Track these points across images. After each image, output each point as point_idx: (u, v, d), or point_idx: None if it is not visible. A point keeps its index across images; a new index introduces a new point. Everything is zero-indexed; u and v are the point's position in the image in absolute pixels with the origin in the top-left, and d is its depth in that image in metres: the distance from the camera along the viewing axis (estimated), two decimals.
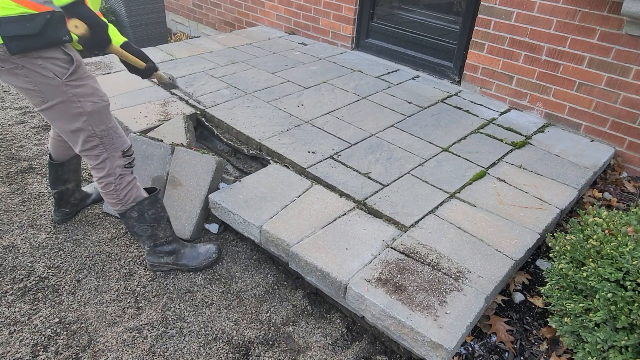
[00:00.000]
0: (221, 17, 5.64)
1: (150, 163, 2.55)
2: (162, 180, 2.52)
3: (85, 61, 3.81)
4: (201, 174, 2.43)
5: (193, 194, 2.44)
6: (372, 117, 3.20)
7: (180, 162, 2.50)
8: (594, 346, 1.59)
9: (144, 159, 2.55)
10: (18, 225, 2.52)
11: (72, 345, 1.93)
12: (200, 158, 2.46)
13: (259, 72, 3.83)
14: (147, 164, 2.55)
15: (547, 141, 3.07)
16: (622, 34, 2.86)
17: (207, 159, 2.44)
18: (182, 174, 2.48)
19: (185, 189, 2.46)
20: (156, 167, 2.54)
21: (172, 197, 2.48)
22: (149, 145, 2.57)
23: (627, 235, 1.70)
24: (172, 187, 2.49)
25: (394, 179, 2.55)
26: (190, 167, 2.47)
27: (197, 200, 2.42)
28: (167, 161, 2.52)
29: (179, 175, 2.49)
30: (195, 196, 2.43)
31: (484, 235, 2.20)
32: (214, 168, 2.41)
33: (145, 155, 2.56)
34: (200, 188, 2.42)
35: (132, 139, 2.57)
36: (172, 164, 2.51)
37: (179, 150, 2.52)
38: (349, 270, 1.95)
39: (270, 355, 1.94)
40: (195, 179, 2.44)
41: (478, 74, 3.64)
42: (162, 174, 2.52)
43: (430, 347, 1.70)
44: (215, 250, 2.34)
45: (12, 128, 3.41)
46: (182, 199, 2.46)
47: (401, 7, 4.11)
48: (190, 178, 2.45)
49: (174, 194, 2.48)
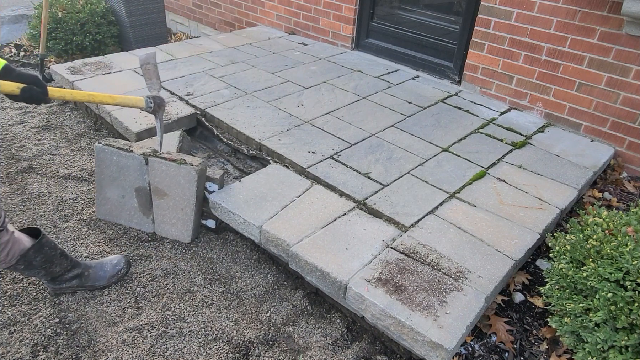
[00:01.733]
0: (221, 17, 5.64)
1: (127, 174, 2.44)
2: (146, 191, 2.44)
3: (86, 61, 3.81)
4: (184, 185, 2.35)
5: (182, 203, 2.39)
6: (372, 117, 3.20)
7: (158, 172, 2.38)
8: (594, 346, 1.59)
9: (119, 170, 2.44)
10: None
11: (72, 345, 1.93)
12: (179, 169, 2.33)
13: (259, 72, 3.83)
14: (124, 175, 2.45)
15: (547, 141, 3.07)
16: (622, 34, 2.86)
17: (186, 169, 2.32)
18: (165, 184, 2.38)
19: (172, 199, 2.39)
20: (135, 177, 2.44)
21: (162, 207, 2.44)
22: (120, 157, 2.43)
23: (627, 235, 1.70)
24: (158, 197, 2.42)
25: (394, 179, 2.55)
26: (171, 178, 2.36)
27: (188, 208, 2.39)
28: (144, 171, 2.41)
29: (161, 185, 2.39)
30: (185, 205, 2.38)
31: (484, 235, 2.20)
32: (196, 178, 2.32)
33: (120, 166, 2.44)
34: (188, 198, 2.37)
35: (101, 150, 2.44)
36: (150, 175, 2.40)
37: (154, 161, 2.37)
38: (349, 270, 1.95)
39: (270, 355, 1.94)
40: (180, 189, 2.36)
41: (478, 74, 3.64)
42: (144, 184, 2.43)
43: (430, 347, 1.70)
44: (124, 264, 2.23)
45: (12, 128, 3.41)
46: (171, 207, 2.42)
47: (401, 7, 4.11)
48: (174, 189, 2.37)
49: (162, 203, 2.43)
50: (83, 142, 3.30)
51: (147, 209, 2.48)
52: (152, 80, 2.43)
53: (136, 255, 2.39)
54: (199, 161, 2.37)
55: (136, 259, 2.37)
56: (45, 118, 3.58)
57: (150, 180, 2.41)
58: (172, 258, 2.39)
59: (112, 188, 2.50)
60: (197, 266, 2.35)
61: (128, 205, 2.51)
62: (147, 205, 2.47)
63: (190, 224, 2.42)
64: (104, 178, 2.48)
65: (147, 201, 2.46)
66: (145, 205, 2.48)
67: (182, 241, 2.48)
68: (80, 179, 2.92)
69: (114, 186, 2.49)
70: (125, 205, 2.51)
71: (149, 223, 2.51)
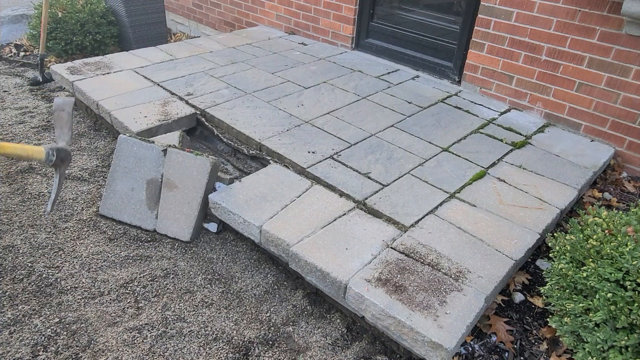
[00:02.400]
0: (221, 17, 5.64)
1: (143, 165, 2.53)
2: (157, 183, 2.50)
3: (86, 61, 3.81)
4: (196, 177, 2.41)
5: (190, 195, 2.43)
6: (372, 117, 3.20)
7: (173, 164, 2.48)
8: (594, 346, 1.59)
9: (136, 161, 2.53)
10: (18, 225, 2.52)
11: (72, 345, 1.93)
12: (194, 160, 2.44)
13: (259, 72, 3.83)
14: (140, 166, 2.53)
15: (547, 141, 3.07)
16: (622, 34, 2.86)
17: (201, 160, 2.42)
18: (177, 176, 2.46)
19: (181, 191, 2.45)
20: (149, 169, 2.52)
21: (169, 200, 2.48)
22: (140, 147, 2.53)
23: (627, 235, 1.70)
24: (168, 189, 2.48)
25: (394, 179, 2.55)
26: (184, 170, 2.45)
27: (194, 202, 2.41)
28: (161, 163, 2.50)
29: (173, 177, 2.47)
30: (192, 198, 2.42)
31: (484, 235, 2.20)
32: (209, 170, 2.40)
33: (138, 157, 2.53)
34: (197, 190, 2.41)
35: (124, 141, 2.55)
36: (165, 166, 2.49)
37: (172, 152, 2.49)
38: (349, 270, 1.95)
39: (270, 355, 1.94)
40: (191, 181, 2.43)
41: (478, 74, 3.64)
42: (157, 176, 2.50)
43: (430, 347, 1.70)
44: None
45: (12, 128, 3.41)
46: (178, 201, 2.45)
47: (401, 7, 4.11)
48: (185, 180, 2.44)
49: (170, 196, 2.47)
50: (83, 142, 3.30)
51: (154, 203, 2.51)
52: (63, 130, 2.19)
53: (136, 255, 2.39)
54: (213, 159, 2.44)
55: (136, 259, 2.37)
56: (45, 118, 3.59)
57: (164, 171, 2.48)
58: (172, 258, 2.39)
59: (123, 180, 2.55)
60: (197, 266, 2.35)
61: (135, 199, 2.53)
62: (154, 199, 2.50)
63: (192, 220, 2.42)
64: (118, 170, 2.54)
65: (155, 194, 2.49)
66: (152, 199, 2.51)
67: (182, 239, 2.48)
68: (80, 179, 2.92)
69: (127, 178, 2.54)
70: (132, 198, 2.54)
71: (152, 218, 2.52)
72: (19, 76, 4.39)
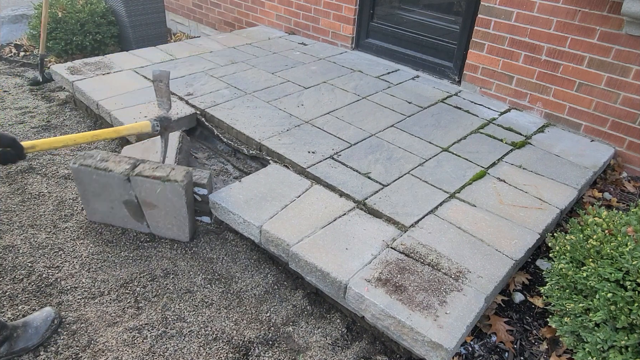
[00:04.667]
0: (221, 17, 5.64)
1: (112, 190, 2.39)
2: (134, 203, 2.40)
3: (86, 61, 3.81)
4: (173, 199, 2.31)
5: (174, 211, 2.37)
6: (372, 117, 3.20)
7: (142, 189, 2.33)
8: (594, 346, 1.59)
9: (102, 186, 2.39)
10: (18, 225, 2.52)
11: (72, 345, 1.93)
12: (164, 186, 2.28)
13: (259, 72, 3.83)
14: (108, 191, 2.40)
15: (547, 141, 3.07)
16: (622, 34, 2.86)
17: (172, 186, 2.27)
18: (152, 198, 2.34)
19: (162, 209, 2.37)
20: (120, 192, 2.38)
21: (154, 216, 2.42)
22: (99, 176, 2.35)
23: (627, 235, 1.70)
24: (149, 208, 2.39)
25: (394, 179, 2.55)
26: (158, 194, 2.32)
27: (181, 216, 2.38)
28: (128, 187, 2.35)
29: (149, 198, 2.35)
30: (178, 213, 2.37)
31: (484, 235, 2.20)
32: (184, 193, 2.28)
33: (102, 183, 2.38)
34: (178, 208, 2.34)
35: (77, 171, 2.37)
36: (136, 190, 2.34)
37: (136, 179, 2.31)
38: (349, 270, 1.95)
39: (270, 355, 1.94)
40: (169, 202, 2.33)
41: (478, 74, 3.64)
42: (131, 198, 2.38)
43: (430, 347, 1.70)
44: (55, 315, 1.99)
45: (12, 128, 3.41)
46: (164, 216, 2.40)
47: (401, 7, 4.11)
48: (163, 202, 2.34)
49: (153, 213, 2.40)
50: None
51: (140, 217, 2.46)
52: (163, 99, 2.41)
53: (136, 255, 2.39)
54: (183, 174, 2.31)
55: (136, 259, 2.37)
56: (45, 118, 3.59)
57: (137, 194, 2.36)
58: (171, 258, 2.39)
59: (98, 201, 2.46)
60: (197, 266, 2.35)
61: (120, 214, 2.49)
62: (138, 214, 2.45)
63: (186, 227, 2.42)
64: (88, 194, 2.45)
65: (137, 211, 2.44)
66: (136, 214, 2.46)
67: (182, 241, 2.48)
68: None
69: (100, 200, 2.45)
70: (117, 214, 2.49)
71: (144, 227, 2.51)
72: (19, 76, 4.39)
